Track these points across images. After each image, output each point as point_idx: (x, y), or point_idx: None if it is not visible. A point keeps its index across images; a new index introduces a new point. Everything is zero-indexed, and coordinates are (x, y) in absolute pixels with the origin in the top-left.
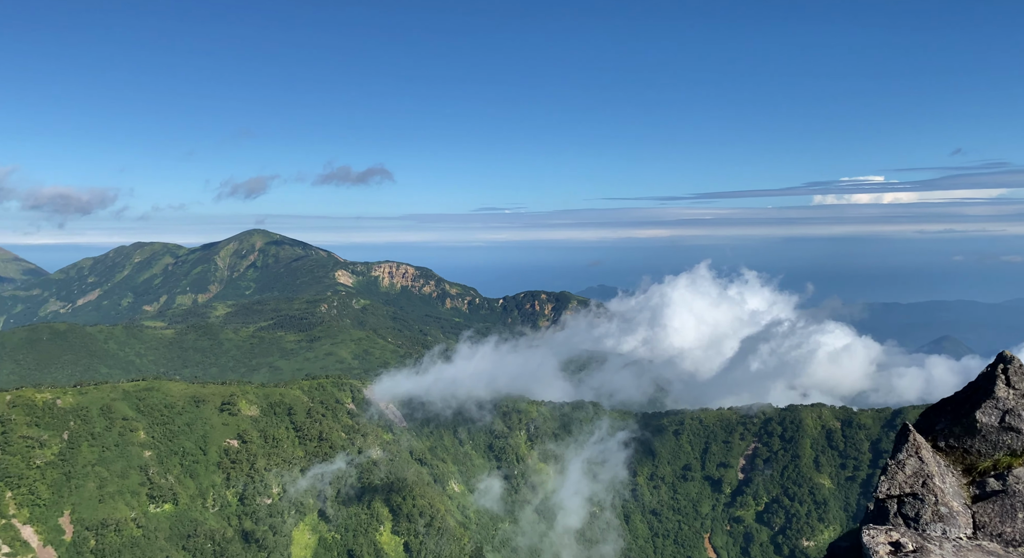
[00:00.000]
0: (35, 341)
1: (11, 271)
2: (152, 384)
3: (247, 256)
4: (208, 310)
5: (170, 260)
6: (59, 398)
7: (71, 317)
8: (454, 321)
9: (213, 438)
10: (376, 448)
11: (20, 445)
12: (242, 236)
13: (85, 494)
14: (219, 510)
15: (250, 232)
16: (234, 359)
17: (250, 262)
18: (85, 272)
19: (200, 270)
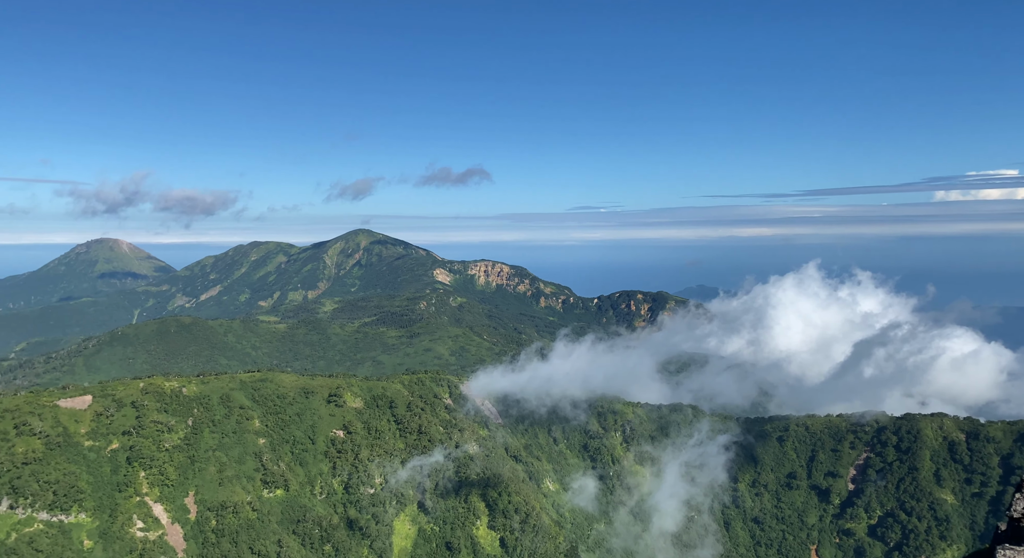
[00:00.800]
0: (164, 333)
1: (144, 268)
2: (266, 375)
3: (352, 255)
4: (317, 306)
5: (283, 258)
6: (185, 387)
7: (195, 311)
8: (548, 320)
9: (321, 428)
10: (472, 443)
11: (152, 429)
12: (348, 236)
13: (207, 477)
14: (326, 497)
15: (355, 232)
16: (340, 353)
17: (355, 260)
18: (207, 269)
19: (310, 268)
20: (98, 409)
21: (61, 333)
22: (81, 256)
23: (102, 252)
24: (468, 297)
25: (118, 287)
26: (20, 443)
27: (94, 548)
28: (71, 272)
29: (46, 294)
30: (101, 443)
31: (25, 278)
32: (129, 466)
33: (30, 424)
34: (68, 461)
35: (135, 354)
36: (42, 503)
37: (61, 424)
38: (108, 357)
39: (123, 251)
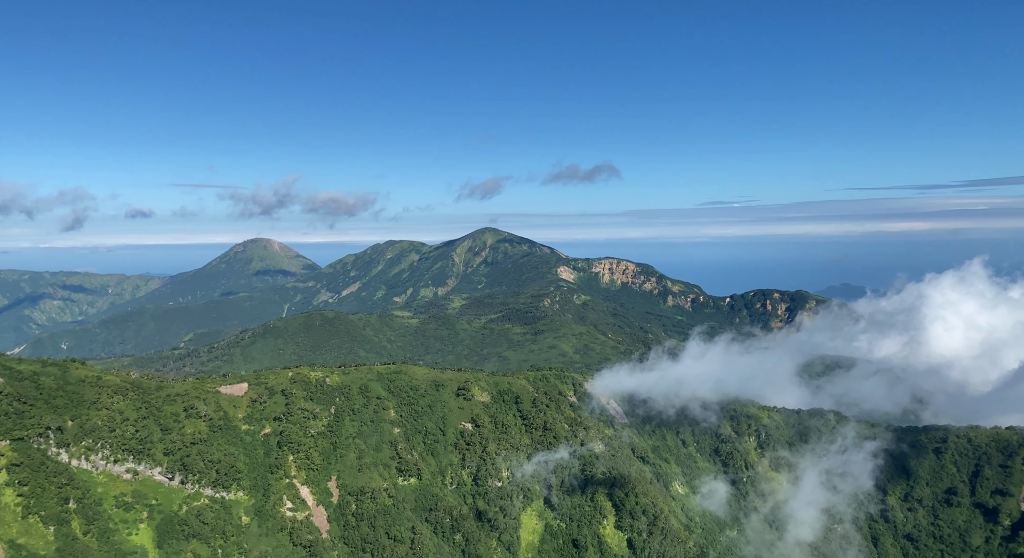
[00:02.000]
0: (310, 326)
1: (294, 266)
2: (400, 368)
3: (479, 253)
4: (446, 302)
5: (415, 257)
6: (328, 377)
7: (337, 306)
8: (676, 319)
9: (451, 420)
10: (597, 442)
11: (299, 416)
12: (475, 234)
13: (347, 463)
14: (456, 488)
15: (482, 231)
16: (468, 348)
17: (482, 258)
18: (348, 267)
19: (440, 266)
20: (253, 396)
21: (222, 325)
22: (239, 255)
23: (257, 251)
24: (592, 295)
25: (270, 283)
26: (188, 425)
27: (250, 524)
28: (230, 270)
29: (209, 289)
30: (255, 427)
31: (192, 275)
32: (280, 450)
33: (196, 408)
34: (228, 443)
35: (285, 345)
36: (207, 480)
37: (222, 409)
38: (261, 348)
39: (275, 250)
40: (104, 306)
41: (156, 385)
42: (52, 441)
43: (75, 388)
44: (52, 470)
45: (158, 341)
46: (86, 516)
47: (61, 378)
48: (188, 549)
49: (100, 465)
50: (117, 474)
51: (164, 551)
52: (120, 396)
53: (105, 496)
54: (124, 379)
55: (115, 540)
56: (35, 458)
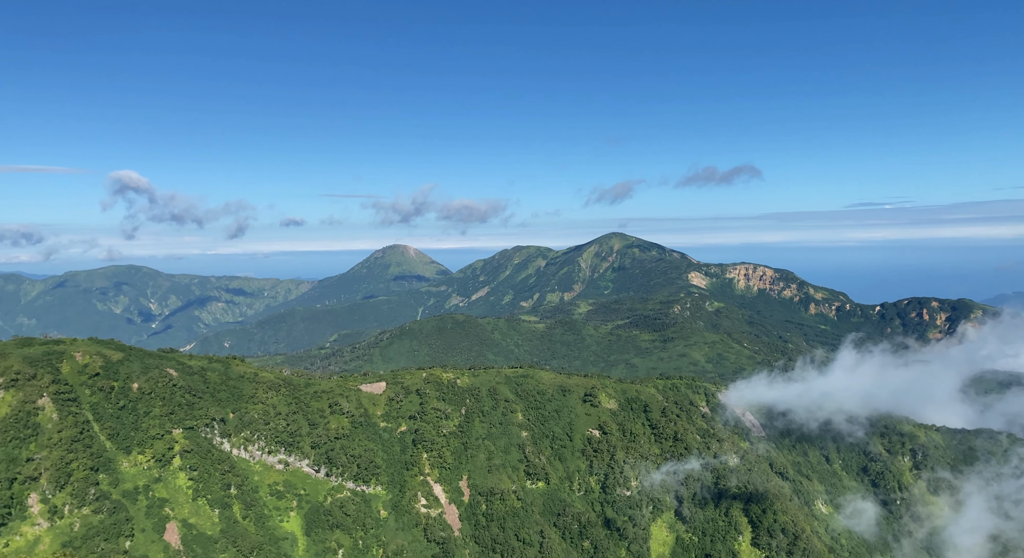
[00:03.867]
0: (442, 329)
1: (428, 271)
2: (527, 372)
3: (606, 258)
4: (572, 307)
5: (541, 262)
6: (459, 378)
7: (467, 310)
8: (819, 328)
9: (578, 426)
10: (732, 454)
11: (432, 415)
12: (601, 239)
13: (477, 463)
14: (584, 494)
15: (609, 236)
16: (594, 353)
17: (609, 263)
18: (477, 272)
19: (566, 271)
20: (390, 394)
21: (363, 326)
22: (378, 260)
23: (394, 257)
24: (726, 302)
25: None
26: (333, 420)
27: (388, 518)
28: (370, 274)
29: (352, 293)
30: (392, 425)
31: (337, 279)
32: (414, 447)
33: (340, 404)
34: (368, 439)
35: (419, 347)
36: (349, 474)
37: (363, 406)
38: (398, 349)
39: (411, 256)
40: (261, 308)
41: (305, 382)
42: (216, 431)
43: (236, 383)
44: (216, 458)
45: (307, 340)
46: (245, 502)
47: (224, 373)
48: (332, 539)
49: (256, 455)
50: (271, 464)
51: (312, 539)
52: (274, 392)
53: (260, 484)
54: (277, 376)
55: (269, 526)
56: (203, 446)
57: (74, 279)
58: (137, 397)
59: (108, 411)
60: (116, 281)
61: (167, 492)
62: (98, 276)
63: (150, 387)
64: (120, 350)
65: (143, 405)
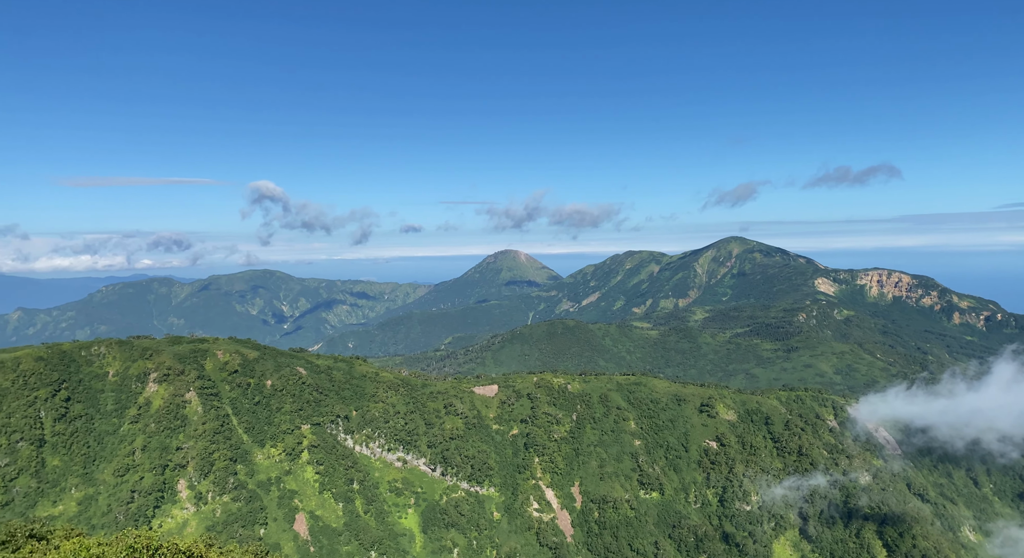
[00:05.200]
0: (552, 334)
1: (539, 276)
2: (640, 379)
3: (724, 263)
4: (687, 314)
5: (655, 267)
6: (569, 384)
7: (577, 315)
8: (964, 339)
9: (693, 437)
10: (863, 472)
11: (543, 420)
12: (719, 244)
13: (589, 470)
14: (700, 507)
15: (727, 240)
16: (711, 362)
17: (727, 269)
18: (588, 277)
19: (680, 276)
20: (502, 398)
21: (475, 330)
22: (490, 266)
23: (506, 262)
24: (856, 310)
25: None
26: (448, 421)
27: (501, 520)
28: (483, 279)
29: (465, 297)
30: (504, 427)
31: (451, 284)
32: (526, 451)
33: (454, 406)
34: (481, 440)
35: (530, 351)
36: (463, 474)
37: (476, 408)
38: (509, 352)
39: (521, 261)
40: (381, 310)
41: (421, 383)
42: (340, 428)
43: (358, 382)
44: (340, 453)
45: (423, 343)
46: (366, 497)
47: (348, 373)
48: (448, 537)
49: (377, 452)
50: (390, 461)
51: (428, 537)
52: (393, 391)
53: (381, 481)
54: (396, 376)
55: (389, 521)
56: (328, 442)
57: (216, 283)
58: (270, 393)
59: (245, 406)
60: (253, 284)
61: (296, 484)
62: (237, 280)
63: (282, 384)
64: (256, 349)
65: (276, 401)
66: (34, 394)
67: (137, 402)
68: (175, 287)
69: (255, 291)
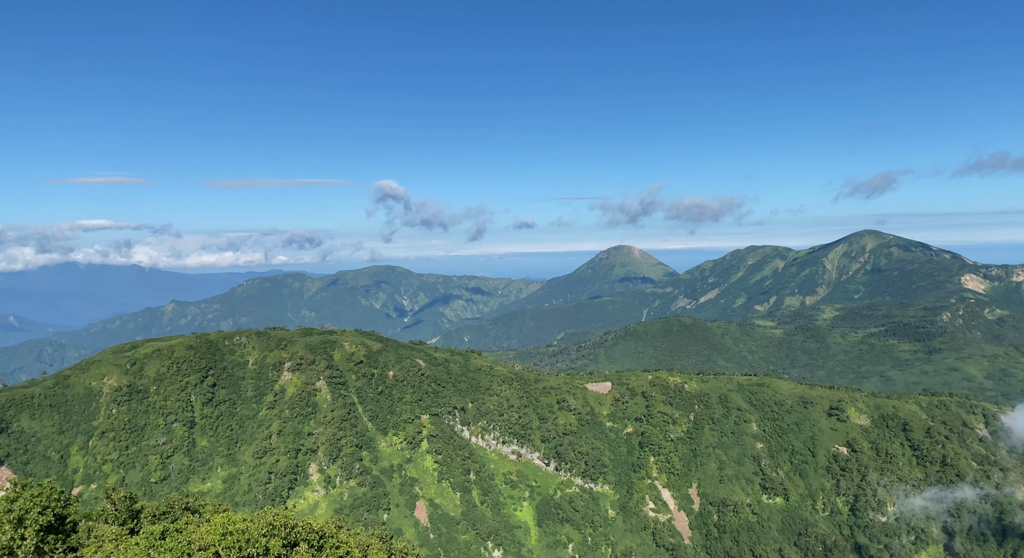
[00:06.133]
0: (668, 332)
1: (653, 272)
2: (763, 380)
3: (856, 258)
4: (815, 312)
5: (779, 263)
6: (686, 383)
7: (694, 313)
8: None
9: (821, 441)
10: (1020, 487)
11: (659, 419)
12: (851, 238)
13: (708, 472)
14: (829, 515)
15: (859, 234)
16: (841, 364)
17: (859, 265)
18: (706, 273)
19: (808, 272)
20: (616, 395)
21: (588, 326)
22: (603, 261)
23: (619, 258)
24: (1012, 309)
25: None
26: (561, 416)
27: (616, 518)
28: (595, 275)
29: (577, 293)
30: (618, 425)
31: (563, 279)
32: (641, 450)
33: (567, 402)
34: (594, 437)
35: (644, 349)
36: (577, 470)
37: (589, 404)
38: (622, 350)
39: (635, 257)
40: (495, 306)
41: (534, 377)
42: (457, 419)
43: (474, 375)
44: (457, 444)
45: (535, 338)
46: (483, 488)
47: (464, 366)
48: (563, 532)
49: (492, 444)
50: (505, 454)
51: (543, 530)
52: (507, 385)
53: (496, 472)
54: (510, 370)
55: (504, 513)
56: (446, 432)
57: (343, 278)
58: (392, 384)
59: (369, 395)
60: (376, 280)
61: (416, 472)
62: (362, 275)
63: (403, 375)
64: (379, 341)
65: (397, 391)
66: (186, 379)
67: (273, 389)
68: (307, 282)
69: (378, 286)
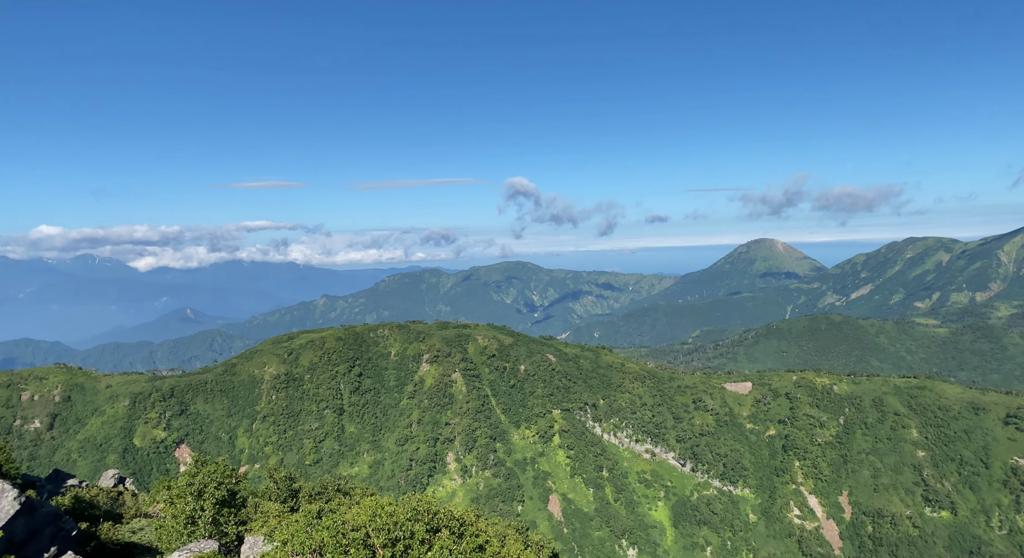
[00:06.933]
0: (814, 330)
1: (799, 267)
2: (924, 383)
3: None
4: (987, 310)
5: (943, 256)
6: (835, 384)
7: (844, 310)
8: None
9: (996, 452)
10: None
11: (804, 422)
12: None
13: (860, 480)
14: (1007, 534)
15: None
16: (1020, 367)
17: None
18: (858, 268)
19: (978, 266)
20: (757, 396)
21: (725, 323)
22: (742, 256)
23: (760, 252)
24: None
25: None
26: (697, 416)
27: (757, 523)
28: (734, 270)
29: (713, 289)
30: (760, 427)
31: (698, 275)
32: (785, 454)
33: (704, 401)
34: (733, 439)
35: (787, 348)
36: (715, 472)
37: (727, 405)
38: (763, 349)
39: (778, 251)
40: (625, 302)
41: (668, 376)
42: (588, 415)
43: (605, 372)
44: (589, 440)
45: (669, 335)
46: (616, 485)
47: (594, 362)
48: (700, 535)
49: (624, 442)
50: (638, 452)
51: (679, 532)
52: (639, 383)
53: (629, 471)
54: (642, 368)
55: (639, 512)
56: (577, 427)
57: (476, 273)
58: (523, 378)
59: (502, 388)
60: (507, 275)
61: (549, 466)
62: (493, 271)
63: (534, 369)
64: (510, 336)
65: (528, 385)
66: (335, 369)
67: (413, 379)
68: (442, 277)
69: (509, 281)
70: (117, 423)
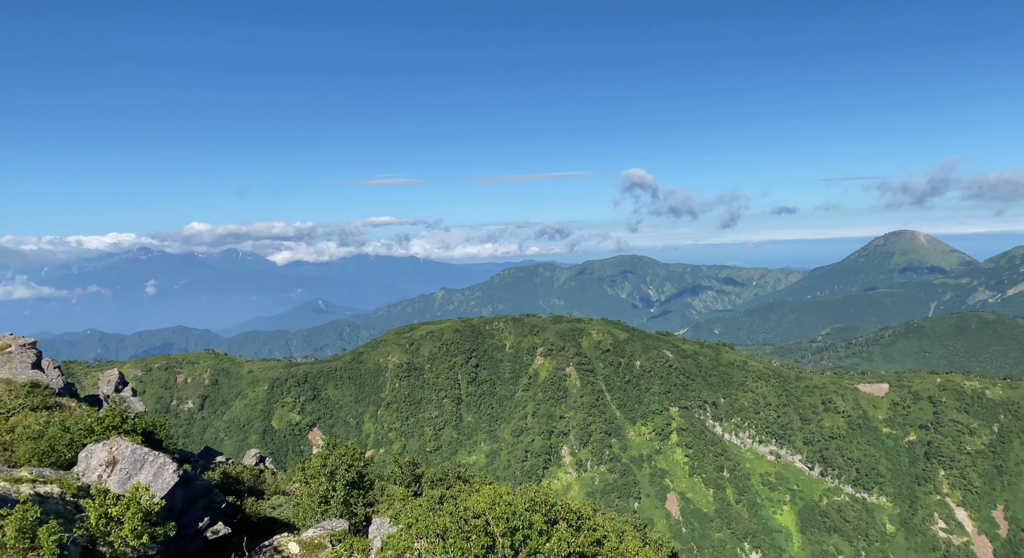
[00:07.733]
0: (963, 329)
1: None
2: None
3: None
4: None
5: None
6: (988, 388)
7: (999, 307)
8: None
9: None
10: None
11: (950, 428)
12: None
13: (1019, 494)
14: None
15: None
16: None
17: None
18: (1016, 261)
19: None
20: (894, 398)
21: (859, 321)
22: (879, 248)
23: (899, 244)
24: None
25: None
26: (827, 418)
27: (896, 534)
28: (869, 264)
29: (846, 284)
30: (898, 432)
31: (829, 269)
32: (927, 461)
33: (834, 403)
34: (867, 443)
35: (931, 348)
36: (847, 477)
37: (860, 407)
38: (903, 348)
39: (920, 243)
40: (748, 297)
41: (795, 375)
42: (708, 414)
43: (725, 370)
44: (709, 439)
45: (796, 333)
46: (737, 486)
47: (715, 359)
48: (830, 542)
49: (747, 442)
50: (762, 454)
51: (807, 538)
52: (763, 382)
53: (752, 472)
54: (766, 366)
55: (762, 515)
56: (696, 426)
57: (590, 267)
58: (639, 374)
59: (616, 384)
60: (622, 269)
61: (666, 464)
62: (608, 265)
63: (650, 365)
64: (625, 331)
65: (644, 381)
66: (453, 359)
67: (527, 372)
68: (556, 271)
69: (624, 276)
70: (258, 406)
